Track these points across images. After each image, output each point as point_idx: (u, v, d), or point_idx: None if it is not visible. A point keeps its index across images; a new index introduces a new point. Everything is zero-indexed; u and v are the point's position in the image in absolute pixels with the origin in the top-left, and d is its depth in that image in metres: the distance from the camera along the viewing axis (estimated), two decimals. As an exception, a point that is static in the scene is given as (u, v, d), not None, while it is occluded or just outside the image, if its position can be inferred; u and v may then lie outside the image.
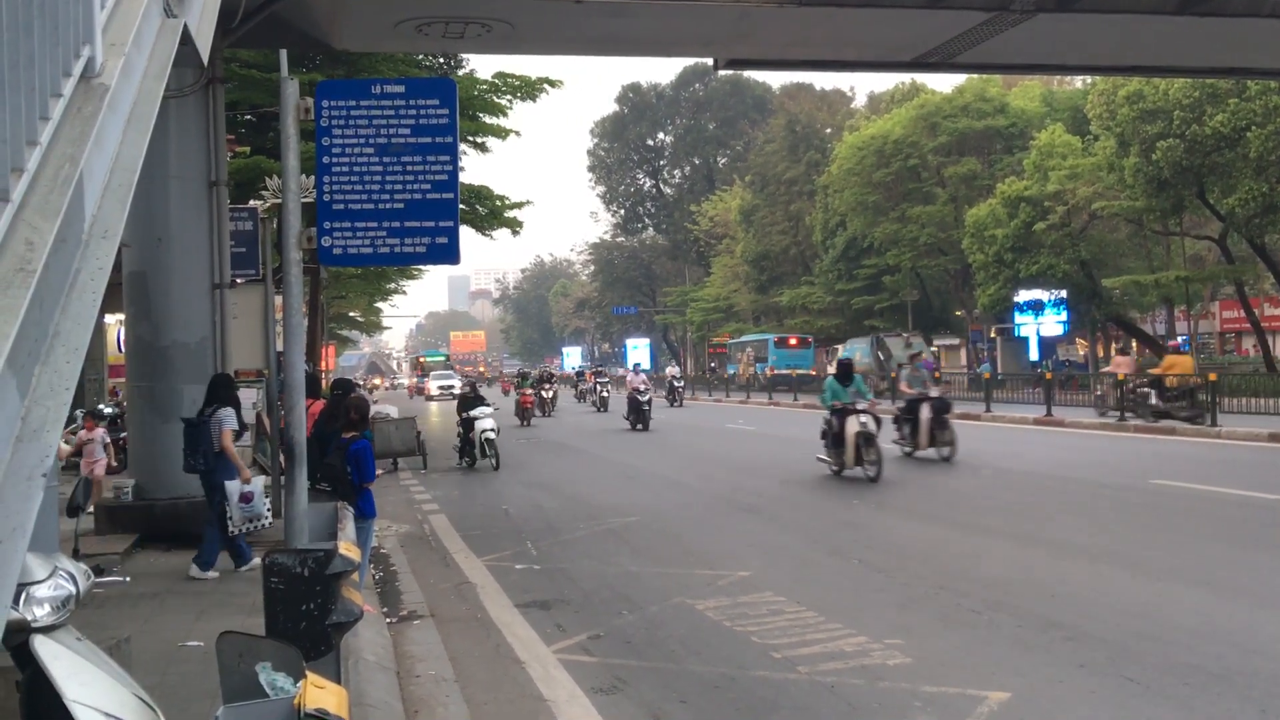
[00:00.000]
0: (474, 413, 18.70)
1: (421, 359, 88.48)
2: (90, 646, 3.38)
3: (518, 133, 24.01)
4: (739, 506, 13.12)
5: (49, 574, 3.29)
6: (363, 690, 5.50)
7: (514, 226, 26.00)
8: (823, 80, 68.42)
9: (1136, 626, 6.86)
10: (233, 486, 8.70)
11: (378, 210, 5.50)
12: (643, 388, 27.53)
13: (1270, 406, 22.79)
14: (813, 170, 56.42)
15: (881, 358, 44.73)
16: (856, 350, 45.72)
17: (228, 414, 8.88)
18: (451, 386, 59.95)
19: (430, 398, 61.98)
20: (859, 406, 14.83)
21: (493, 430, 18.46)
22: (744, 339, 59.88)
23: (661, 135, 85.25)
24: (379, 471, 9.72)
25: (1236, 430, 19.27)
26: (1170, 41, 15.24)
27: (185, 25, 5.02)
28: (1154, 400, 21.89)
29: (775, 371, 49.44)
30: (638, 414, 27.26)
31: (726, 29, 13.86)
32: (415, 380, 77.77)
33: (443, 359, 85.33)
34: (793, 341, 52.51)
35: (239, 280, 12.24)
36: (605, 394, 38.56)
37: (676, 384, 40.76)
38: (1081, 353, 47.83)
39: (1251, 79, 26.15)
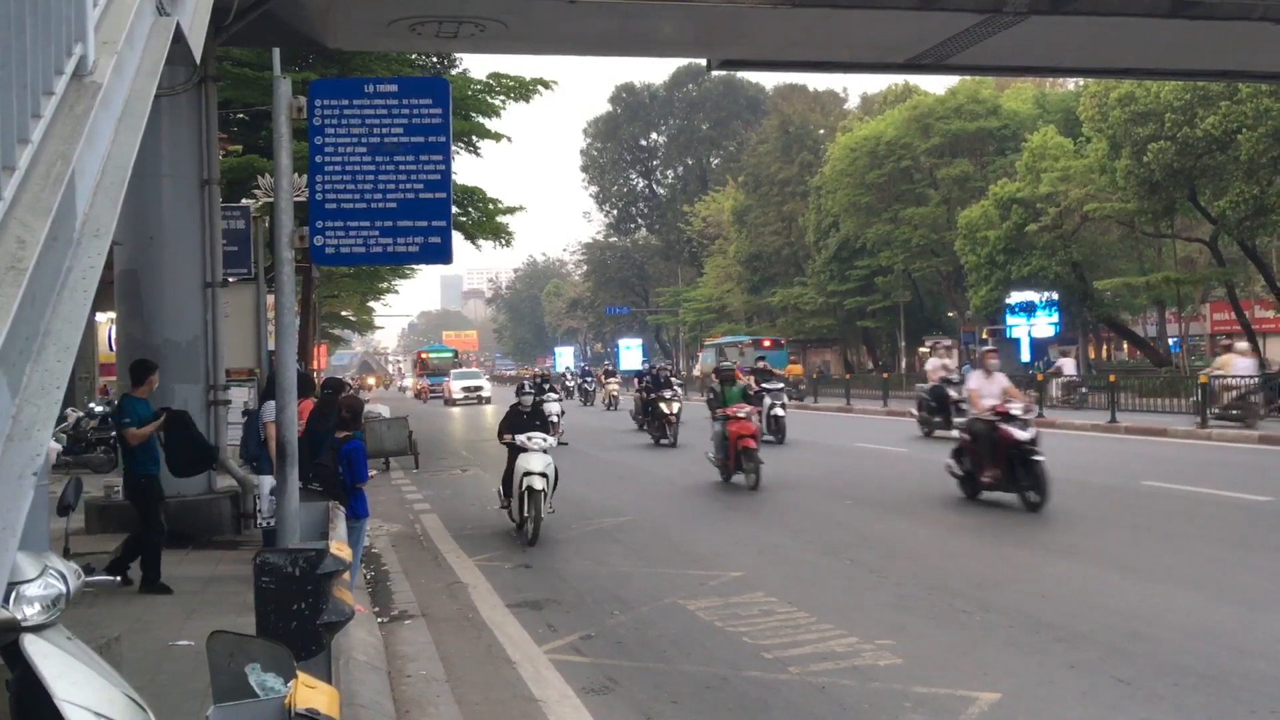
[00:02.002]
0: (522, 439, 11.30)
1: (424, 355, 74.99)
2: (80, 646, 3.37)
3: (509, 138, 24.04)
4: (731, 507, 13.12)
5: (39, 573, 3.28)
6: (354, 690, 5.50)
7: (504, 237, 25.81)
8: (816, 81, 68.41)
9: (1127, 627, 6.88)
10: (266, 480, 8.60)
11: (370, 209, 5.48)
12: (1024, 413, 12.17)
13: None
14: (806, 171, 56.53)
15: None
16: (708, 358, 53.79)
17: (270, 406, 8.83)
18: (479, 388, 51.35)
19: (453, 402, 50.56)
20: None
21: (541, 476, 10.95)
22: (720, 340, 60.47)
23: (655, 135, 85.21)
24: (372, 473, 9.66)
25: (1227, 432, 19.33)
26: (1162, 44, 15.31)
27: (178, 23, 5.01)
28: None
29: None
30: (1009, 468, 11.82)
31: (720, 30, 13.89)
32: (426, 382, 63.12)
33: (451, 355, 74.16)
34: (766, 343, 53.00)
35: (231, 279, 12.21)
36: (779, 411, 21.72)
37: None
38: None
39: (1243, 81, 26.24)
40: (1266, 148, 28.74)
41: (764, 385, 22.17)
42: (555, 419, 18.16)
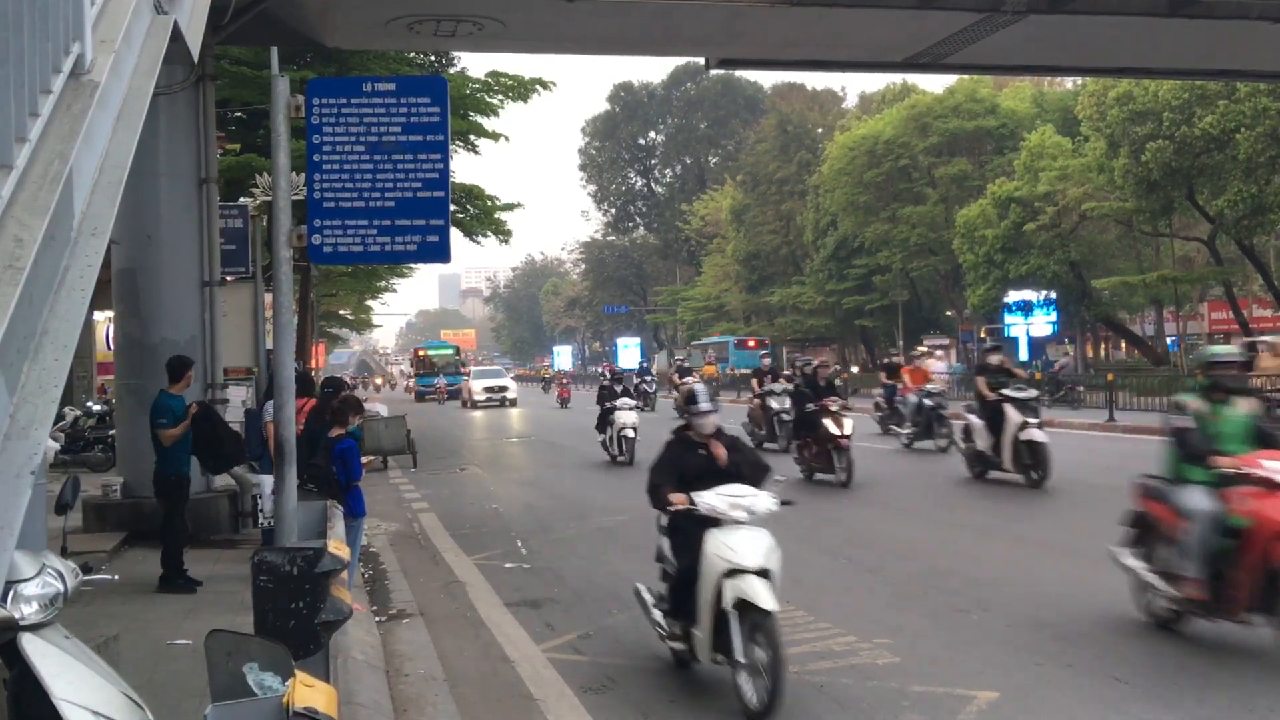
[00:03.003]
0: (713, 501, 5.73)
1: (423, 352, 66.14)
2: (78, 645, 3.37)
3: (507, 138, 24.01)
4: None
5: (37, 572, 3.28)
6: (352, 689, 5.49)
7: (503, 234, 25.81)
8: (814, 80, 68.59)
9: (1125, 626, 6.88)
10: (267, 480, 8.58)
11: (368, 208, 5.49)
12: None
13: (1258, 407, 22.94)
14: (804, 170, 56.61)
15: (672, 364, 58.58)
16: (662, 360, 59.41)
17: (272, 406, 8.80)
18: (504, 389, 44.27)
19: (474, 404, 43.35)
20: None
21: (761, 576, 5.48)
22: (706, 340, 60.79)
23: (653, 134, 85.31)
24: (366, 460, 9.59)
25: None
26: (1161, 43, 15.32)
27: (175, 22, 5.01)
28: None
29: (736, 371, 50.02)
30: None
31: (719, 29, 13.88)
32: (443, 381, 54.44)
33: (452, 352, 65.40)
34: (751, 343, 52.99)
35: (229, 278, 12.20)
36: (1037, 436, 13.74)
37: None
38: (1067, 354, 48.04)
39: (1241, 80, 26.28)
40: (1264, 147, 28.78)
41: (1003, 392, 14.22)
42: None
